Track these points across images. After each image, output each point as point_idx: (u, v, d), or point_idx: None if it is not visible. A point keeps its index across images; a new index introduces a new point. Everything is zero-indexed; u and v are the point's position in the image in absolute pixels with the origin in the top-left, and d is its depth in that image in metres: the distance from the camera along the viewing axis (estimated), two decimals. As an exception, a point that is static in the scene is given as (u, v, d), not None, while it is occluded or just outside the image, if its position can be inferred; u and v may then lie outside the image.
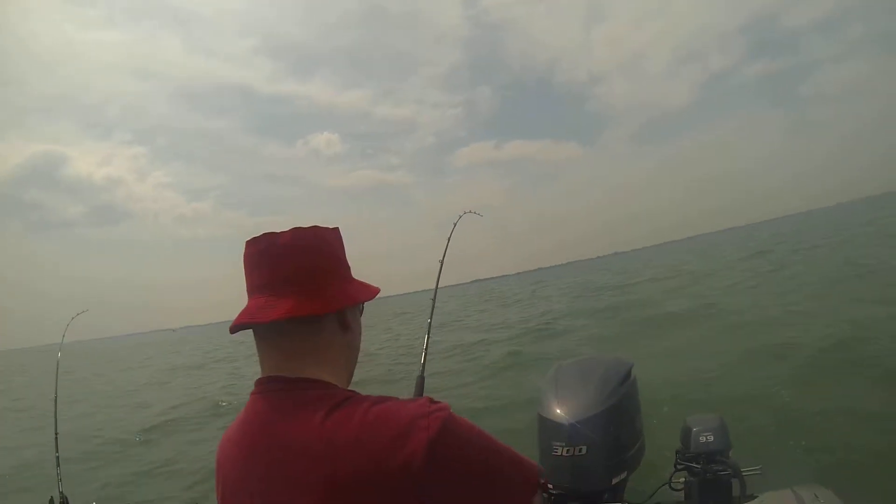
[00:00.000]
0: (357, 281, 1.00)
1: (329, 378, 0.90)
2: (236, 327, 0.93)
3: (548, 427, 2.35)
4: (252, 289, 0.93)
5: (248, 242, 0.93)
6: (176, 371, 22.00)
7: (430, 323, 2.15)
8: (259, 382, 0.93)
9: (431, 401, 0.83)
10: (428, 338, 2.04)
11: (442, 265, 2.38)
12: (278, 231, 0.92)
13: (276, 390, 0.89)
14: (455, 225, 2.64)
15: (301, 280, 0.90)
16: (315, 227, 0.94)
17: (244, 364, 18.64)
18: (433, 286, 2.33)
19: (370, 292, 0.98)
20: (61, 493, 2.17)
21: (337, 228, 0.99)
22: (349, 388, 0.94)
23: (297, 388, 0.87)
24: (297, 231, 0.92)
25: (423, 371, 1.88)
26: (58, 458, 2.42)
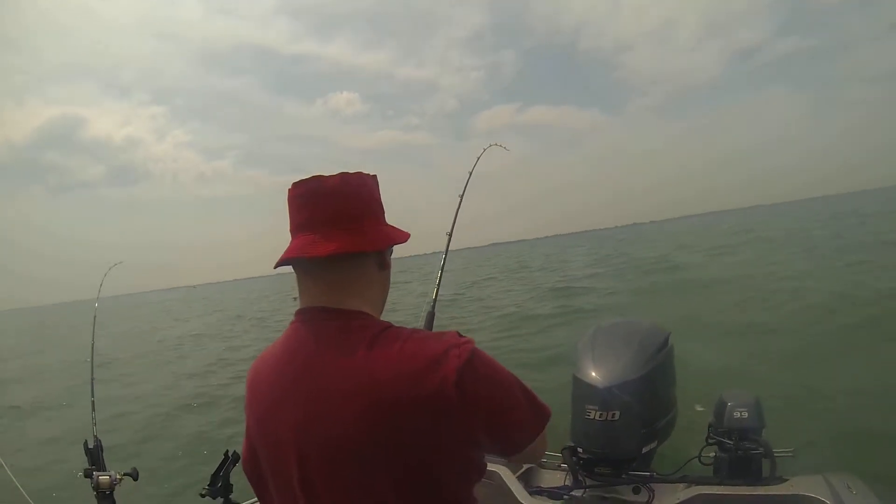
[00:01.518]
0: (391, 225, 1.06)
1: (368, 310, 0.98)
2: (284, 261, 0.99)
3: (582, 389, 2.31)
4: (298, 227, 0.98)
5: (294, 184, 0.99)
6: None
7: (445, 259, 2.14)
8: (301, 312, 0.99)
9: (459, 334, 0.92)
10: (441, 273, 2.04)
11: (461, 200, 2.32)
12: (324, 175, 0.98)
13: (320, 319, 0.96)
14: (479, 158, 2.54)
15: (349, 220, 0.96)
16: (360, 173, 1.01)
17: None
18: (448, 239, 2.25)
19: (404, 236, 1.05)
20: (95, 436, 2.16)
21: (376, 176, 1.05)
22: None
23: (342, 317, 0.94)
24: (344, 175, 0.98)
25: (433, 307, 1.91)
26: (93, 402, 2.43)
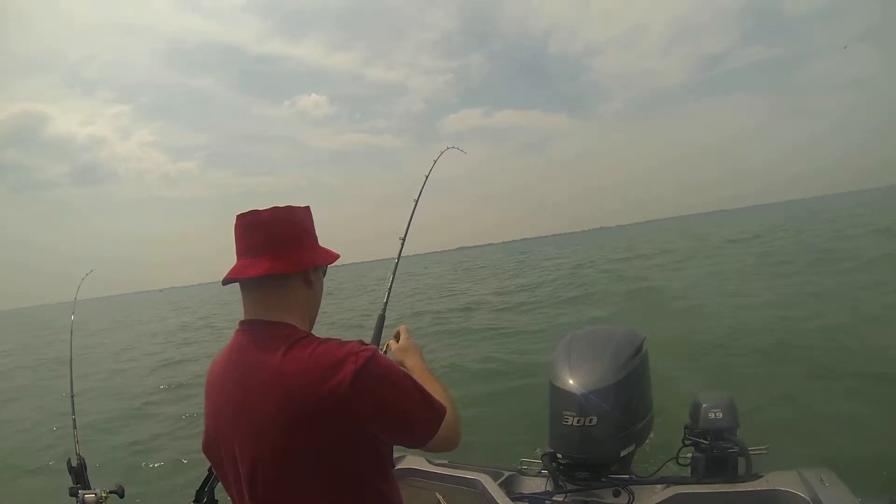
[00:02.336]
0: (322, 248, 1.27)
1: (294, 322, 1.17)
2: (227, 281, 1.21)
3: (559, 396, 2.34)
4: (239, 252, 1.21)
5: (238, 216, 1.21)
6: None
7: (397, 264, 2.14)
8: (242, 323, 1.21)
9: (363, 343, 1.12)
10: (392, 278, 2.07)
11: (416, 204, 2.31)
12: (261, 209, 1.20)
13: (253, 328, 1.17)
14: (435, 162, 2.54)
15: (275, 247, 1.17)
16: (289, 207, 1.22)
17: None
18: (420, 251, 2.22)
19: (330, 257, 1.27)
20: (78, 454, 2.13)
21: (308, 207, 1.27)
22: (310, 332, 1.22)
23: (269, 328, 1.15)
24: (275, 209, 1.20)
25: (384, 310, 1.93)
26: (74, 420, 2.38)
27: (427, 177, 2.42)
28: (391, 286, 2.08)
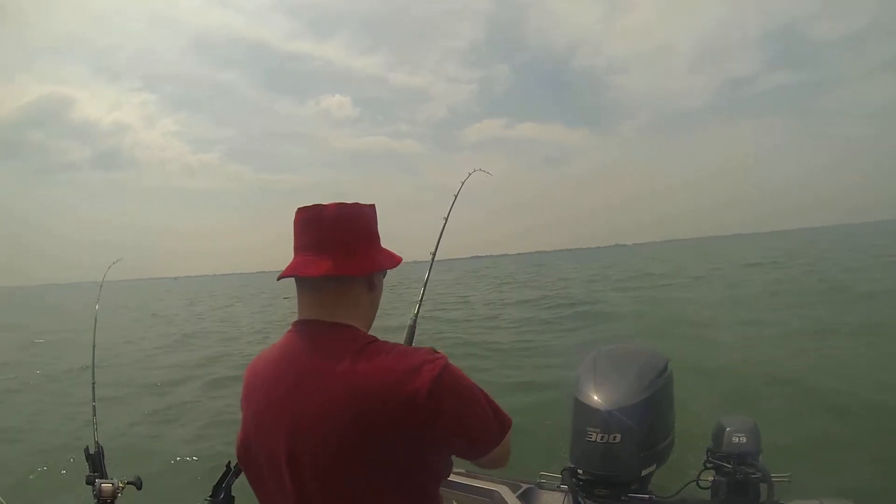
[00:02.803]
0: (385, 250, 1.21)
1: (356, 325, 1.12)
2: (284, 277, 1.14)
3: (584, 411, 2.34)
4: (298, 247, 1.15)
5: (299, 209, 1.14)
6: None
7: (428, 276, 2.17)
8: (297, 323, 1.14)
9: (434, 350, 1.08)
10: (424, 290, 2.10)
11: (446, 222, 2.33)
12: (324, 203, 1.13)
13: (314, 329, 1.11)
14: (463, 183, 2.56)
15: (340, 246, 1.11)
16: (356, 204, 1.15)
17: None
18: (431, 258, 2.28)
19: (394, 261, 1.21)
20: (97, 442, 2.11)
21: (373, 206, 1.20)
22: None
23: (333, 329, 1.09)
24: (341, 206, 1.13)
25: (415, 320, 1.94)
26: (94, 406, 2.36)
27: (455, 197, 2.45)
28: (422, 297, 2.10)
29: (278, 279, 1.17)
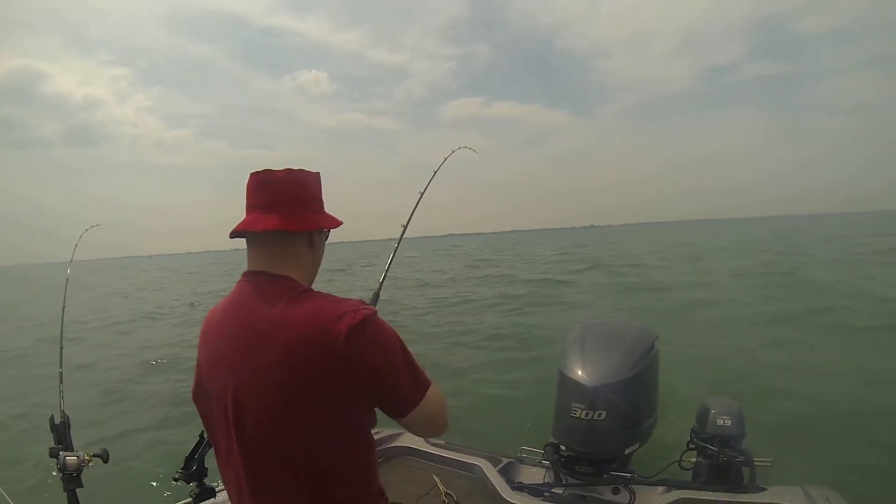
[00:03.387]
0: (327, 214, 1.31)
1: (297, 278, 1.22)
2: (235, 233, 1.25)
3: (569, 386, 2.28)
4: (250, 207, 1.24)
5: (252, 174, 1.25)
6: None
7: (397, 248, 2.20)
8: (246, 273, 1.25)
9: (363, 302, 1.16)
10: (391, 260, 2.15)
11: (421, 196, 2.31)
12: (274, 169, 1.24)
13: (258, 279, 1.21)
14: (445, 159, 2.52)
15: (285, 206, 1.21)
16: (302, 170, 1.27)
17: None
18: (409, 235, 2.29)
19: (334, 223, 1.31)
20: (62, 411, 2.01)
21: (318, 173, 1.31)
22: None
23: (273, 279, 1.20)
24: (288, 171, 1.24)
25: (379, 288, 1.99)
26: (61, 373, 2.26)
27: (435, 173, 2.43)
28: (389, 266, 2.13)
29: (230, 236, 1.29)
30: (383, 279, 2.06)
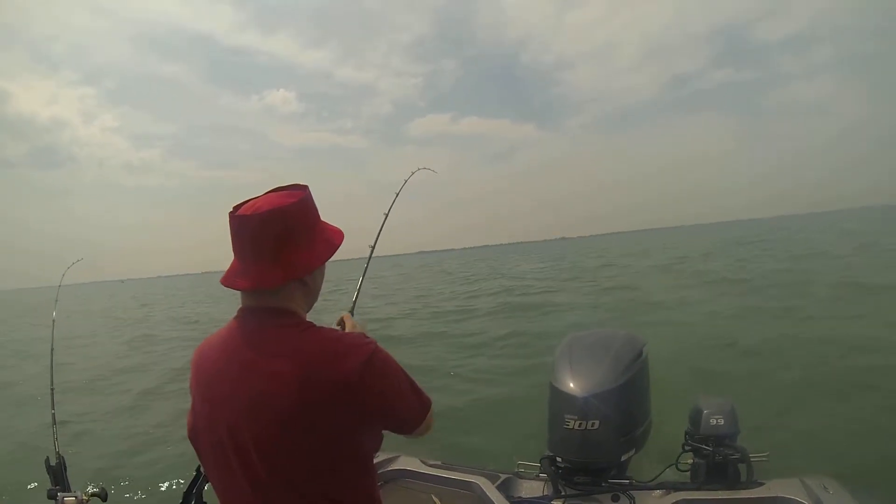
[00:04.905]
0: (320, 243, 1.22)
1: (296, 310, 1.20)
2: (225, 285, 1.21)
3: (561, 398, 2.30)
4: (233, 251, 1.20)
5: (231, 213, 1.17)
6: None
7: (367, 267, 2.25)
8: (242, 309, 1.21)
9: (365, 335, 1.20)
10: (361, 281, 2.16)
11: (386, 218, 2.35)
12: (252, 205, 1.16)
13: (257, 314, 1.18)
14: (406, 181, 2.57)
15: (265, 255, 1.15)
16: (280, 205, 1.15)
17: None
18: (378, 254, 2.35)
19: (326, 254, 1.23)
20: (57, 452, 1.99)
21: (306, 190, 1.23)
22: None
23: (275, 314, 1.16)
24: (270, 210, 1.13)
25: (353, 308, 1.98)
26: (53, 415, 2.25)
27: (397, 194, 2.46)
28: (360, 288, 2.13)
29: (222, 282, 1.23)
30: (355, 300, 2.07)
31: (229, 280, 1.20)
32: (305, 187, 1.24)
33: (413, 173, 2.64)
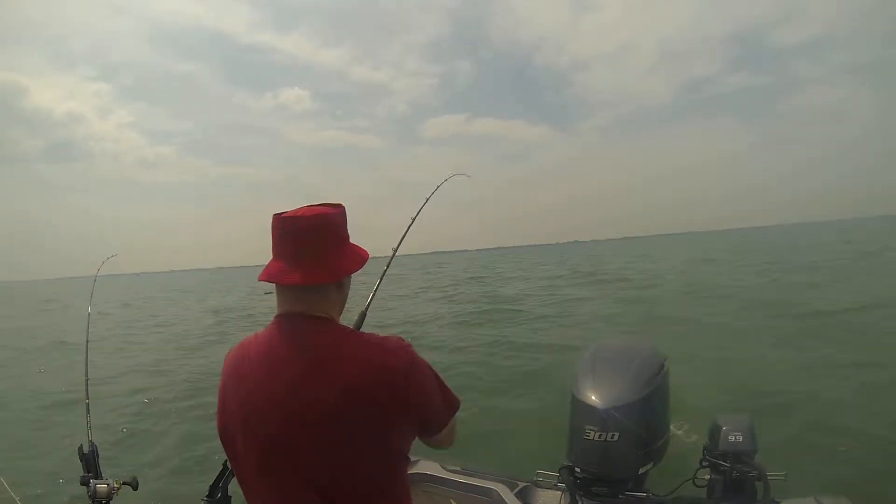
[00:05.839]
0: (352, 251, 1.32)
1: (331, 317, 1.26)
2: (263, 280, 1.26)
3: (582, 410, 2.32)
4: (275, 254, 1.27)
5: (276, 217, 1.26)
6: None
7: (386, 270, 2.27)
8: (280, 315, 1.25)
9: (402, 339, 1.25)
10: (380, 282, 2.21)
11: (412, 222, 2.38)
12: (300, 212, 1.24)
13: (297, 320, 1.23)
14: (438, 186, 2.57)
15: (311, 257, 1.23)
16: (326, 214, 1.26)
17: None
18: (392, 254, 2.35)
19: (360, 261, 1.32)
20: (91, 441, 2.05)
21: (341, 208, 1.32)
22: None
23: (314, 321, 1.22)
24: (315, 216, 1.24)
25: (367, 308, 2.06)
26: (87, 404, 2.31)
27: (427, 199, 2.49)
28: (377, 289, 2.18)
29: (259, 279, 1.27)
30: (371, 300, 2.11)
31: (275, 276, 1.24)
32: (340, 205, 1.34)
33: (446, 179, 2.65)
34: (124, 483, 1.95)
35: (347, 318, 1.46)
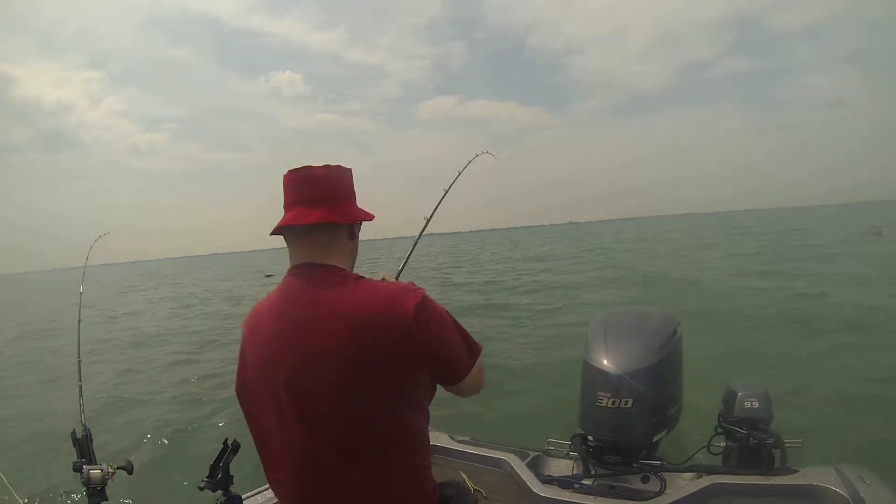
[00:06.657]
0: (360, 208, 1.38)
1: (343, 267, 1.31)
2: (278, 229, 1.32)
3: (594, 375, 2.25)
4: (290, 203, 1.31)
5: (290, 171, 1.32)
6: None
7: (418, 239, 2.32)
8: (293, 268, 1.31)
9: (413, 284, 1.26)
10: (412, 250, 2.23)
11: (445, 194, 2.42)
12: (313, 165, 1.31)
13: (310, 269, 1.27)
14: (470, 161, 2.61)
15: (327, 200, 1.29)
16: (339, 166, 1.35)
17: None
18: (388, 235, 2.29)
19: (369, 216, 1.39)
20: (84, 424, 1.97)
21: (351, 169, 1.38)
22: None
23: (326, 269, 1.27)
24: (327, 167, 1.32)
25: (398, 274, 2.03)
26: (80, 387, 2.22)
27: (459, 173, 2.55)
28: (409, 256, 2.21)
29: (271, 234, 1.34)
30: (402, 267, 2.14)
31: (293, 219, 1.28)
32: (350, 168, 1.40)
33: (477, 156, 2.73)
34: (119, 468, 1.86)
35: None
